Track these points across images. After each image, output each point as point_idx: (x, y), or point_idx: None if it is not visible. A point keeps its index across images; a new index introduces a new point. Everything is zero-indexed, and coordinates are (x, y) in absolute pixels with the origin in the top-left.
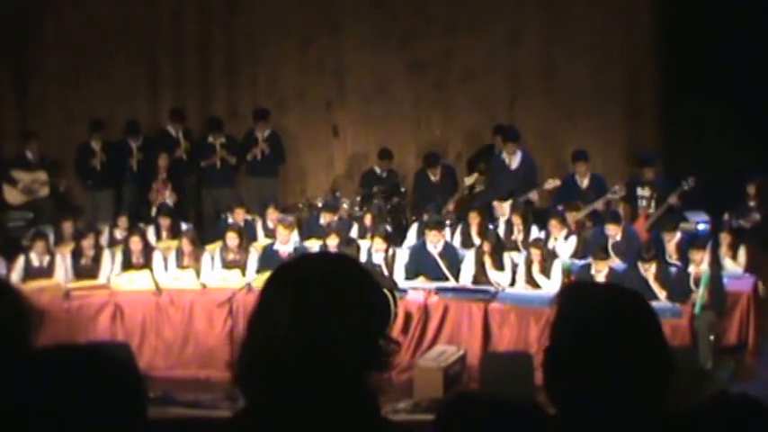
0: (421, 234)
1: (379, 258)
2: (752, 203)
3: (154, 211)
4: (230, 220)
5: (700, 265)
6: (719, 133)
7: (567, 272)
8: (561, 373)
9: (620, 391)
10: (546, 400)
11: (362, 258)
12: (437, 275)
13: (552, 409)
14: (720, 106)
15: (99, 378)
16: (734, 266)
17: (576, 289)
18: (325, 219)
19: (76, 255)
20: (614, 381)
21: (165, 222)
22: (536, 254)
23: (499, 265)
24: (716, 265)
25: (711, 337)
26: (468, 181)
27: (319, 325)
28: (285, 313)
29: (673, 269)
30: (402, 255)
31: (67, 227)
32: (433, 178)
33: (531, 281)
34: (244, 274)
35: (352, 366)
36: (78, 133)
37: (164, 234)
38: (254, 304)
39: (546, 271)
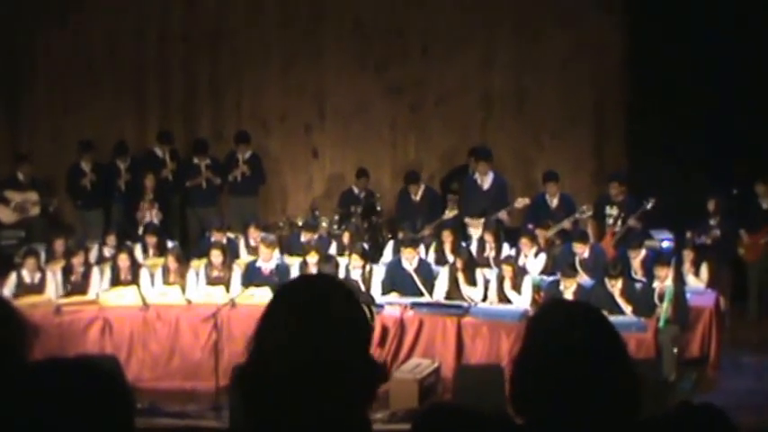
0: (397, 251)
1: (356, 275)
2: (712, 221)
3: (141, 229)
4: (214, 238)
5: (664, 281)
6: (683, 155)
7: (536, 288)
8: (530, 385)
9: (587, 403)
10: (513, 410)
11: (341, 274)
12: (412, 291)
13: (519, 420)
14: (683, 129)
15: (89, 390)
16: (696, 282)
17: (548, 307)
18: (305, 237)
19: (67, 271)
20: (582, 394)
21: (151, 240)
22: (508, 271)
23: (472, 281)
24: (679, 281)
25: (675, 350)
26: (449, 214)
27: (318, 342)
28: (286, 330)
29: (638, 285)
30: (379, 271)
31: (58, 245)
32: (413, 197)
33: (502, 296)
34: (228, 290)
35: (346, 382)
36: (68, 155)
37: (150, 251)
38: (258, 320)
39: (517, 287)
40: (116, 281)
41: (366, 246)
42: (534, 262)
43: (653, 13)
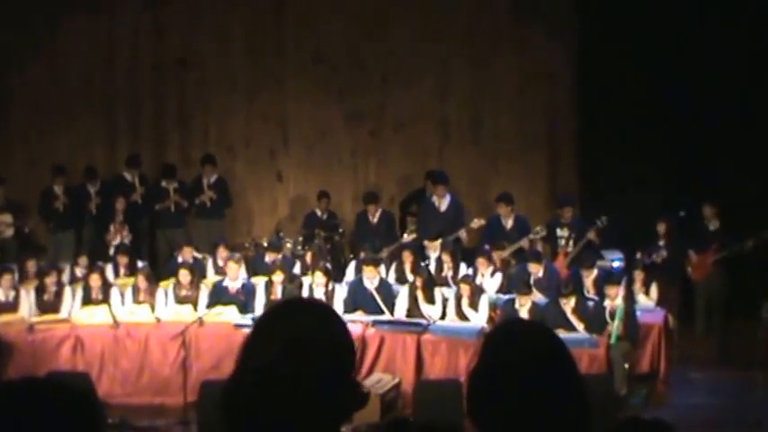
0: (358, 271)
1: (319, 293)
2: (661, 242)
3: (112, 250)
4: (181, 258)
5: (615, 299)
6: (632, 179)
7: (493, 306)
8: (484, 400)
9: (540, 419)
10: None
11: (305, 293)
12: (374, 309)
13: None
14: (633, 155)
15: (59, 409)
16: (647, 301)
17: (502, 325)
18: (269, 257)
19: (40, 291)
20: (534, 409)
21: (123, 260)
22: (465, 289)
23: (431, 300)
24: (629, 299)
25: (626, 366)
26: (408, 237)
27: (301, 364)
28: (270, 351)
29: (590, 303)
30: (341, 290)
31: (31, 265)
32: (371, 219)
33: (460, 314)
34: (195, 309)
35: (326, 405)
36: (42, 179)
37: (121, 271)
38: (245, 339)
39: (474, 305)
40: (87, 300)
41: (329, 265)
42: (490, 281)
43: (602, 43)
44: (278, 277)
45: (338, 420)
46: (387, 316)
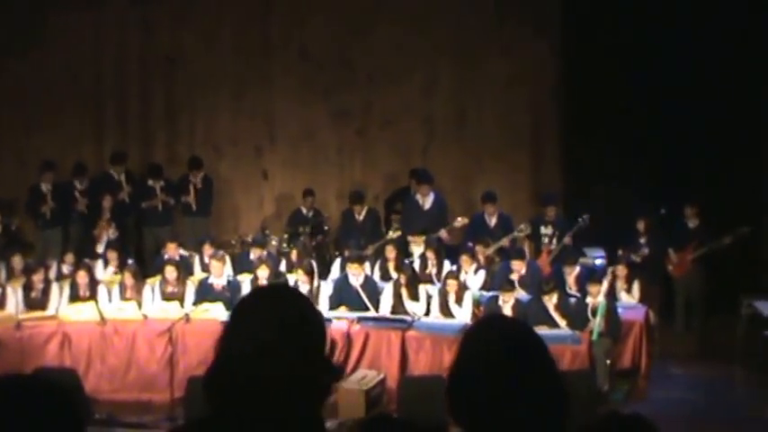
0: (343, 268)
1: (304, 290)
2: (642, 240)
3: (99, 247)
4: (167, 255)
5: (596, 296)
6: (615, 177)
7: (476, 303)
8: (463, 396)
9: (518, 414)
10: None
11: None
12: (359, 306)
13: (457, 430)
14: (615, 153)
15: (42, 403)
16: (629, 298)
17: (480, 323)
18: (254, 254)
19: (27, 288)
20: (512, 405)
21: (113, 255)
22: (452, 285)
23: (415, 296)
24: (611, 296)
25: (608, 362)
26: (393, 235)
27: (278, 346)
28: (248, 336)
29: (572, 300)
30: (326, 287)
31: (18, 262)
32: (357, 217)
33: (444, 311)
34: (182, 306)
35: (304, 382)
36: (29, 176)
37: (111, 266)
38: (222, 328)
39: (459, 301)
40: (75, 297)
41: (314, 263)
42: (474, 278)
43: (587, 42)
44: (263, 273)
45: (319, 395)
46: (371, 313)
